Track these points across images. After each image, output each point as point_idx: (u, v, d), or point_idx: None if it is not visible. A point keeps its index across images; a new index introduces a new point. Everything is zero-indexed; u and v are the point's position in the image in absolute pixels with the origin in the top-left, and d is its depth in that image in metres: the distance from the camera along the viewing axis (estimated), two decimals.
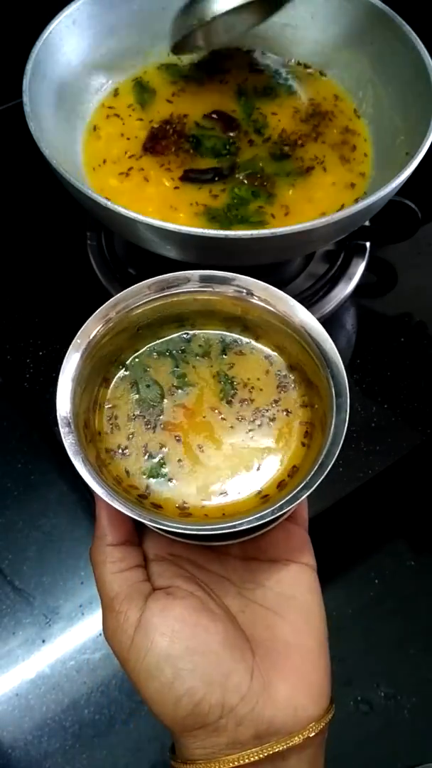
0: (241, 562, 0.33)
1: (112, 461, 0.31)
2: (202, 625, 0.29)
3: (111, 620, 0.29)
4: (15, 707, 0.43)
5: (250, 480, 0.31)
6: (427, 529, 0.49)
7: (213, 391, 0.33)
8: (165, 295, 0.33)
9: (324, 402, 0.30)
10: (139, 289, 0.32)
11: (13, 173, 0.65)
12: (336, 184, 0.50)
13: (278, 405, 0.33)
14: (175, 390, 0.33)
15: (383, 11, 0.50)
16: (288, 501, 0.28)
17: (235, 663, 0.28)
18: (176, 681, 0.27)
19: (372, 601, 0.47)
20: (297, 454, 0.32)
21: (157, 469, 0.31)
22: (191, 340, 0.34)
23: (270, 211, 0.49)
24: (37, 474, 0.50)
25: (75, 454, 0.28)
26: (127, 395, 0.33)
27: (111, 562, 0.30)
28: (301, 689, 0.29)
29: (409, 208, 0.50)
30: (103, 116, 0.54)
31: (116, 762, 0.42)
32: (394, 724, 0.43)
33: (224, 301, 0.33)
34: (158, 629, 0.28)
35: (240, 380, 0.33)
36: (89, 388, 0.32)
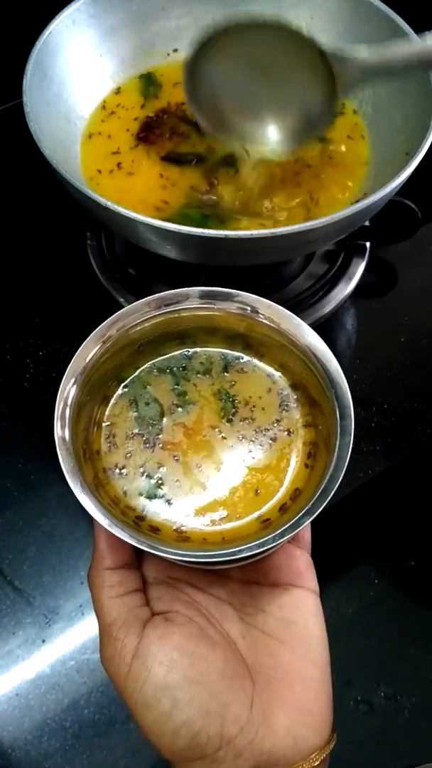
0: (241, 585, 0.32)
1: (109, 481, 0.31)
2: (200, 653, 0.28)
3: (108, 647, 0.28)
4: (15, 707, 0.43)
5: (250, 503, 0.30)
6: (427, 529, 0.49)
7: (214, 410, 0.32)
8: (165, 312, 0.32)
9: (328, 422, 0.30)
10: (139, 307, 0.31)
11: (13, 173, 0.65)
12: (336, 184, 0.50)
13: (280, 425, 0.32)
14: (175, 408, 0.32)
15: (383, 11, 0.50)
16: (290, 527, 0.27)
17: (234, 693, 0.28)
18: (174, 712, 0.27)
19: (372, 601, 0.47)
20: (300, 476, 0.31)
21: (155, 489, 0.31)
22: (192, 357, 0.34)
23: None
24: (37, 474, 0.50)
25: (73, 480, 0.27)
26: (126, 413, 0.32)
27: (109, 586, 0.30)
28: (302, 719, 0.28)
29: (409, 208, 0.50)
30: (102, 116, 0.54)
31: (116, 762, 0.42)
32: (394, 724, 0.43)
33: (227, 318, 0.32)
34: (156, 658, 0.27)
35: (241, 399, 0.33)
36: (88, 407, 0.31)
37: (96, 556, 0.30)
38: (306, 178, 0.50)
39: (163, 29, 0.56)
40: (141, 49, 0.56)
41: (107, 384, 0.33)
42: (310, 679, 0.29)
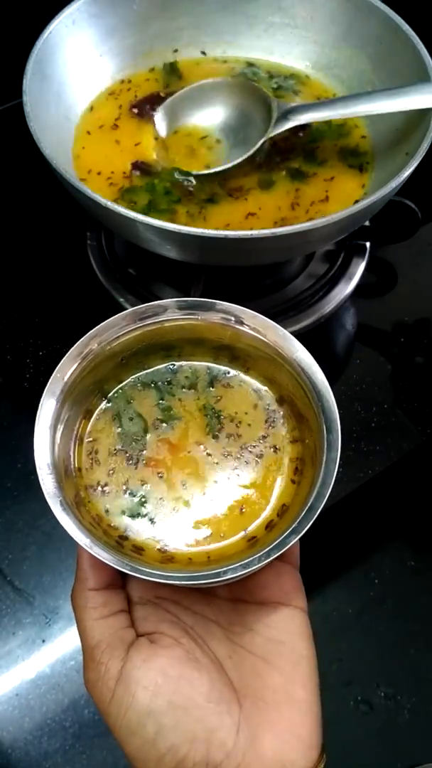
0: (228, 603, 0.31)
1: (91, 499, 0.30)
2: (186, 677, 0.27)
3: (92, 671, 0.28)
4: (15, 707, 0.43)
5: (236, 521, 0.30)
6: (427, 529, 0.49)
7: (199, 425, 0.32)
8: (146, 324, 0.31)
9: (314, 437, 0.29)
10: (115, 322, 0.30)
11: (13, 173, 0.65)
12: (338, 183, 0.50)
13: (266, 441, 0.31)
14: (159, 423, 0.32)
15: (383, 11, 0.50)
16: (275, 547, 0.26)
17: (220, 718, 0.27)
18: (158, 738, 0.26)
19: (372, 601, 0.46)
20: (286, 492, 0.30)
21: (138, 508, 0.30)
22: (178, 371, 0.33)
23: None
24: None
25: (54, 502, 0.27)
26: (109, 428, 0.32)
27: (92, 608, 0.29)
28: (289, 743, 0.27)
29: (409, 208, 0.50)
30: (102, 115, 0.54)
31: (116, 762, 0.42)
32: (394, 724, 0.43)
33: (212, 328, 0.31)
34: (140, 683, 0.27)
35: (227, 414, 0.32)
36: (71, 422, 0.30)
37: (79, 576, 0.30)
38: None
39: (163, 29, 0.56)
40: (141, 49, 0.56)
41: (90, 398, 0.32)
42: (298, 701, 0.28)
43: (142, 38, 0.56)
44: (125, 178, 0.50)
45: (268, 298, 0.54)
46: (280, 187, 0.50)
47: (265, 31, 0.57)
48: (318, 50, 0.56)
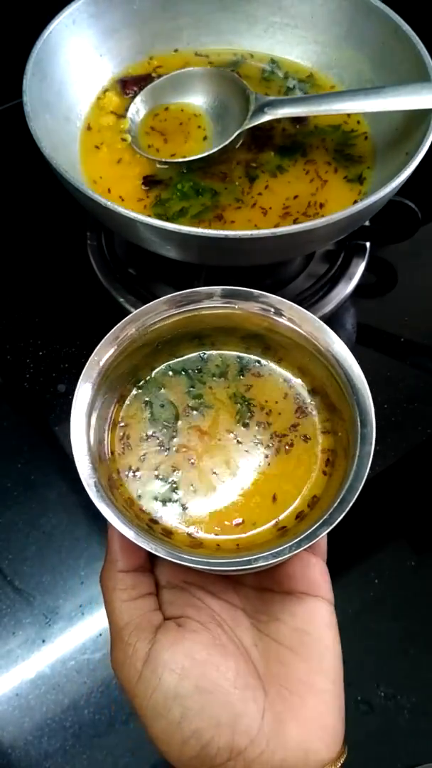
0: (255, 591, 0.31)
1: (123, 483, 0.30)
2: (212, 662, 0.27)
3: (119, 652, 0.28)
4: (15, 707, 0.43)
5: (267, 510, 0.30)
6: (427, 529, 0.49)
7: (229, 413, 0.32)
8: (185, 310, 0.31)
9: (347, 430, 0.29)
10: (154, 307, 0.31)
11: (13, 173, 0.65)
12: (337, 184, 0.50)
13: (297, 430, 0.31)
14: (190, 411, 0.32)
15: (383, 11, 0.50)
16: (306, 537, 0.26)
17: (245, 703, 0.27)
18: (184, 721, 0.26)
19: (372, 601, 0.46)
20: (318, 483, 0.30)
21: (169, 493, 0.30)
22: (208, 359, 0.33)
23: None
24: (37, 474, 0.50)
25: (89, 485, 0.27)
26: (140, 414, 0.32)
27: (122, 590, 0.29)
28: (313, 732, 0.28)
29: (409, 208, 0.50)
30: (101, 115, 0.54)
31: (116, 762, 0.42)
32: (394, 724, 0.43)
33: (247, 317, 0.32)
34: (167, 665, 0.27)
35: (257, 403, 0.32)
36: (105, 407, 0.31)
37: (109, 558, 0.30)
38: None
39: (163, 29, 0.56)
40: (141, 49, 0.56)
41: (124, 383, 0.32)
42: (322, 691, 0.29)
43: (142, 38, 0.56)
44: (145, 192, 0.50)
45: None
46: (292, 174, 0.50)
47: (265, 31, 0.57)
48: (318, 50, 0.56)
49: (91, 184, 0.50)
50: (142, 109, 0.53)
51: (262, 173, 0.50)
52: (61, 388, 0.53)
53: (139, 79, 0.55)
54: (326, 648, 0.30)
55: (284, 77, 0.56)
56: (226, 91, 0.52)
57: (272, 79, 0.56)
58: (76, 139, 0.52)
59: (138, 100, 0.53)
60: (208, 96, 0.53)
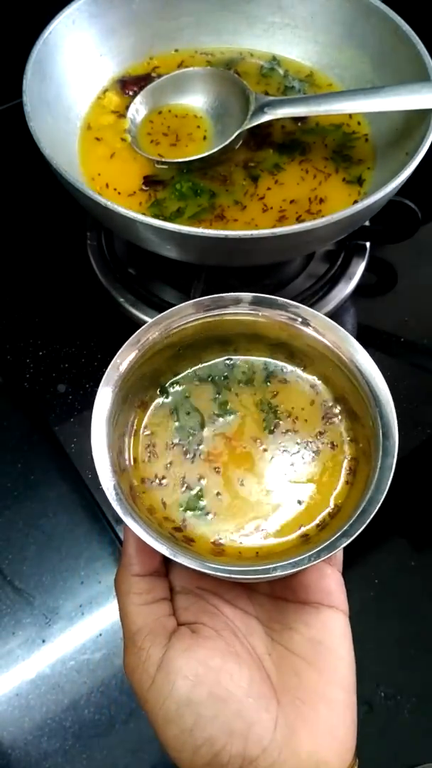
0: (269, 600, 0.31)
1: (146, 491, 0.30)
2: (226, 670, 0.27)
3: (132, 656, 0.28)
4: (15, 707, 0.43)
5: (290, 517, 0.29)
6: (427, 529, 0.49)
7: (255, 421, 0.31)
8: (208, 315, 0.31)
9: (369, 439, 0.29)
10: (179, 311, 0.30)
11: (13, 173, 0.65)
12: (336, 184, 0.50)
13: (323, 437, 0.31)
14: (216, 418, 0.32)
15: (383, 11, 0.50)
16: (326, 548, 0.26)
17: (258, 713, 0.27)
18: (196, 728, 0.26)
19: (372, 601, 0.46)
20: (340, 493, 0.30)
21: (195, 502, 0.30)
22: (234, 366, 0.33)
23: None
24: (37, 474, 0.50)
25: (109, 486, 0.27)
26: (166, 422, 0.32)
27: (136, 594, 0.29)
28: (325, 743, 0.27)
29: (409, 208, 0.50)
30: (101, 115, 0.54)
31: (116, 762, 0.42)
32: (394, 724, 0.43)
33: (271, 325, 0.31)
34: (181, 672, 0.27)
35: (284, 410, 0.32)
36: (124, 413, 0.30)
37: (124, 562, 0.30)
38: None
39: (163, 29, 0.56)
40: (141, 49, 0.56)
41: (145, 390, 0.32)
42: (335, 702, 0.28)
43: (142, 38, 0.56)
44: (143, 192, 0.50)
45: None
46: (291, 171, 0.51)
47: (265, 31, 0.57)
48: (319, 50, 0.56)
49: (89, 182, 0.50)
50: (142, 109, 0.53)
51: (262, 172, 0.50)
52: (61, 388, 0.53)
53: (139, 79, 0.55)
54: (340, 659, 0.29)
55: (284, 75, 0.56)
56: (226, 91, 0.52)
57: (271, 75, 0.56)
58: (75, 138, 0.52)
59: (138, 100, 0.53)
60: (208, 96, 0.53)
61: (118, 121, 0.53)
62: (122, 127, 0.53)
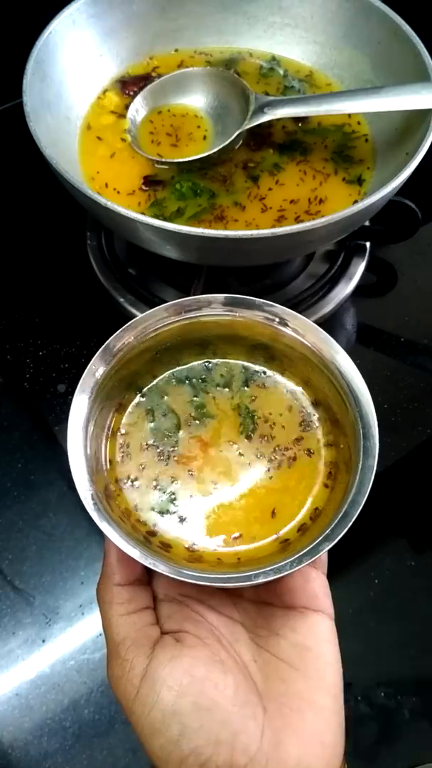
0: (254, 605, 0.31)
1: (121, 493, 0.30)
2: (211, 679, 0.27)
3: (116, 668, 0.28)
4: (15, 707, 0.43)
5: (268, 523, 0.29)
6: (427, 529, 0.49)
7: (232, 425, 0.31)
8: (185, 318, 0.31)
9: (350, 442, 0.29)
10: (155, 314, 0.30)
11: (13, 173, 0.65)
12: (336, 184, 0.50)
13: (300, 444, 0.31)
14: (192, 421, 0.31)
15: (383, 11, 0.50)
16: (308, 553, 0.26)
17: (244, 721, 0.27)
18: (182, 739, 0.26)
19: (372, 601, 0.46)
20: (320, 496, 0.30)
21: (167, 505, 0.30)
22: (213, 368, 0.33)
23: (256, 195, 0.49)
24: (37, 474, 0.50)
25: (86, 495, 0.26)
26: (141, 423, 0.31)
27: (119, 604, 0.29)
28: (313, 750, 0.27)
29: (409, 208, 0.50)
30: (101, 115, 0.54)
31: (116, 762, 0.42)
32: (394, 724, 0.43)
33: (250, 326, 0.31)
34: (165, 682, 0.26)
35: (261, 415, 0.32)
36: (102, 415, 0.30)
37: (105, 572, 0.29)
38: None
39: (163, 29, 0.56)
40: (141, 49, 0.56)
41: (123, 392, 0.32)
42: (322, 708, 0.28)
43: (142, 38, 0.56)
44: (143, 192, 0.50)
45: (268, 298, 0.54)
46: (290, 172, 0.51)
47: (266, 31, 0.57)
48: (318, 50, 0.56)
49: (89, 181, 0.50)
50: (142, 109, 0.53)
51: (262, 173, 0.50)
52: (61, 388, 0.53)
53: (139, 79, 0.55)
54: (327, 664, 0.29)
55: (284, 75, 0.56)
56: (226, 91, 0.52)
57: (271, 75, 0.56)
58: (75, 139, 0.52)
59: (138, 100, 0.53)
60: (208, 96, 0.53)
61: (118, 121, 0.53)
62: (122, 127, 0.53)
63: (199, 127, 0.52)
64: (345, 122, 0.53)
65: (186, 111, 0.53)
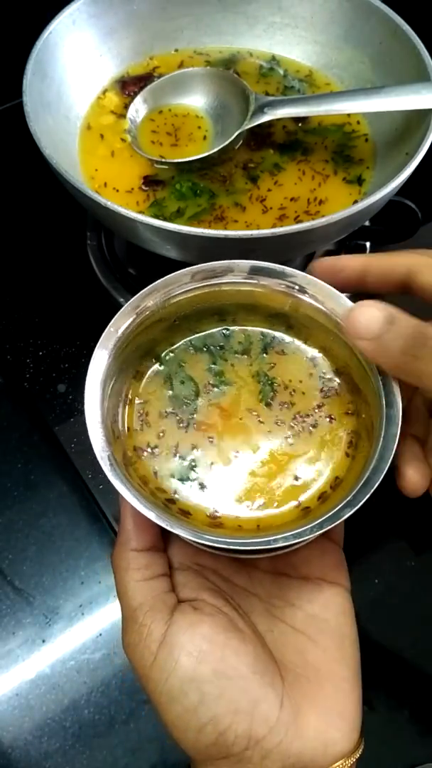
0: (270, 576, 0.31)
1: (139, 460, 0.29)
2: (231, 646, 0.26)
3: (132, 633, 0.27)
4: (15, 707, 0.43)
5: (289, 490, 0.29)
6: (427, 529, 0.49)
7: (251, 392, 0.31)
8: (206, 285, 0.30)
9: (372, 411, 0.28)
10: (176, 279, 0.30)
11: (13, 173, 0.65)
12: (336, 184, 0.50)
13: (321, 410, 0.30)
14: (210, 388, 0.31)
15: (383, 11, 0.50)
16: (329, 519, 0.25)
17: (264, 690, 0.26)
18: (201, 707, 0.25)
19: (372, 602, 0.46)
20: (341, 465, 0.29)
21: (188, 472, 0.29)
22: (231, 336, 0.32)
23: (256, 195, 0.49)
24: (37, 474, 0.50)
25: (103, 458, 0.26)
26: (159, 391, 0.31)
27: (135, 569, 0.28)
28: (332, 722, 0.27)
29: (409, 208, 0.50)
30: (101, 115, 0.54)
31: (116, 762, 0.42)
32: (394, 724, 0.43)
33: (270, 295, 0.30)
34: (184, 648, 0.26)
35: (281, 381, 0.31)
36: (119, 382, 0.30)
37: (121, 539, 0.29)
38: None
39: (163, 29, 0.56)
40: (141, 49, 0.56)
41: (140, 359, 0.31)
42: (341, 679, 0.28)
43: (142, 38, 0.56)
44: (143, 192, 0.50)
45: None
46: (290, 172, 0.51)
47: (265, 31, 0.57)
48: (318, 50, 0.56)
49: (89, 180, 0.50)
50: (142, 110, 0.53)
51: (262, 173, 0.50)
52: (61, 388, 0.53)
53: (139, 79, 0.55)
54: (345, 636, 0.29)
55: (283, 75, 0.56)
56: (226, 91, 0.52)
57: (271, 75, 0.56)
58: (75, 139, 0.52)
59: (138, 100, 0.53)
60: (208, 96, 0.53)
61: (118, 121, 0.53)
62: (122, 128, 0.53)
63: (200, 128, 0.52)
64: (345, 122, 0.53)
65: (186, 111, 0.53)
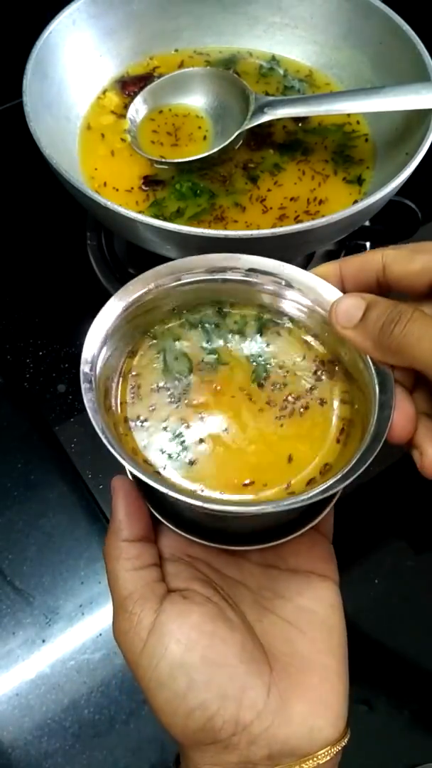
0: (260, 568, 0.31)
1: (129, 432, 0.29)
2: (219, 635, 0.27)
3: (123, 621, 0.28)
4: (15, 707, 0.43)
5: (278, 472, 0.29)
6: (427, 529, 0.49)
7: (244, 371, 0.31)
8: (209, 279, 0.31)
9: (366, 399, 0.28)
10: (197, 262, 0.30)
11: (13, 173, 0.65)
12: (336, 184, 0.50)
13: (313, 393, 0.30)
14: (204, 365, 0.31)
15: (383, 11, 0.50)
16: (322, 491, 0.25)
17: (252, 677, 0.27)
18: (189, 692, 0.26)
19: (372, 601, 0.47)
20: (331, 451, 0.29)
21: (176, 447, 0.29)
22: (227, 315, 0.32)
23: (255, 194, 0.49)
24: (37, 474, 0.50)
25: (96, 420, 0.26)
26: (152, 365, 0.31)
27: (126, 559, 0.29)
28: (318, 710, 0.27)
29: (409, 208, 0.50)
30: (101, 115, 0.54)
31: (116, 762, 0.42)
32: (394, 724, 0.43)
33: (262, 292, 0.31)
34: (174, 635, 0.26)
35: (274, 363, 0.31)
36: (115, 357, 0.30)
37: (113, 528, 0.29)
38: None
39: (163, 29, 0.56)
40: (141, 49, 0.56)
41: (137, 337, 0.31)
42: (328, 669, 0.28)
43: (141, 38, 0.56)
44: (142, 192, 0.50)
45: None
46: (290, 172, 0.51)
47: (265, 31, 0.57)
48: (318, 50, 0.56)
49: (89, 180, 0.50)
50: (142, 110, 0.53)
51: (262, 173, 0.50)
52: (61, 388, 0.53)
53: (139, 79, 0.55)
54: (333, 627, 0.29)
55: (283, 75, 0.56)
56: (226, 91, 0.52)
57: (271, 75, 0.56)
58: (75, 139, 0.52)
59: (138, 100, 0.53)
60: (208, 96, 0.53)
61: (118, 121, 0.53)
62: (122, 128, 0.53)
63: (200, 128, 0.52)
64: (345, 122, 0.53)
65: (186, 111, 0.53)
